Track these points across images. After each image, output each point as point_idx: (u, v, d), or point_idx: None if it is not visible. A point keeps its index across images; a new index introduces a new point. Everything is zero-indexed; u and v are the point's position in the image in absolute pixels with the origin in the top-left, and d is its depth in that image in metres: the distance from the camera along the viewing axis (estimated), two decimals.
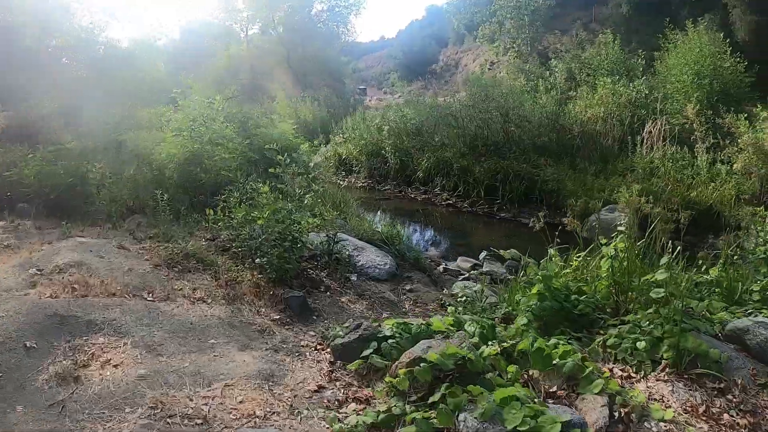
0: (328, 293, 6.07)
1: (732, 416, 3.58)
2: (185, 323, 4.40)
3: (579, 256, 7.13)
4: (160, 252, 5.69)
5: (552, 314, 5.45)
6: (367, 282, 6.80)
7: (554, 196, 13.04)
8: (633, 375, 4.11)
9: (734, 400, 3.76)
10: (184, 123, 7.72)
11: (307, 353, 4.44)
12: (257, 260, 5.52)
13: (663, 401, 3.67)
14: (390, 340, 4.30)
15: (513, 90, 15.32)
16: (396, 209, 13.30)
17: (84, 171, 7.83)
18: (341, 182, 15.45)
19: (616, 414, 3.46)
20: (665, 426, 3.35)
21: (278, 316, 5.06)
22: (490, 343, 4.67)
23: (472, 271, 9.45)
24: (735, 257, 7.64)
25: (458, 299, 6.94)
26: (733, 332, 4.54)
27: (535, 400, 3.48)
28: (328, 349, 4.53)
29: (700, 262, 6.74)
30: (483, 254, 10.01)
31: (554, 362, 3.95)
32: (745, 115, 11.79)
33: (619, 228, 6.65)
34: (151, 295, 4.87)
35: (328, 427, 3.33)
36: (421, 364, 3.70)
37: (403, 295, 6.78)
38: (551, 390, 3.79)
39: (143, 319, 4.35)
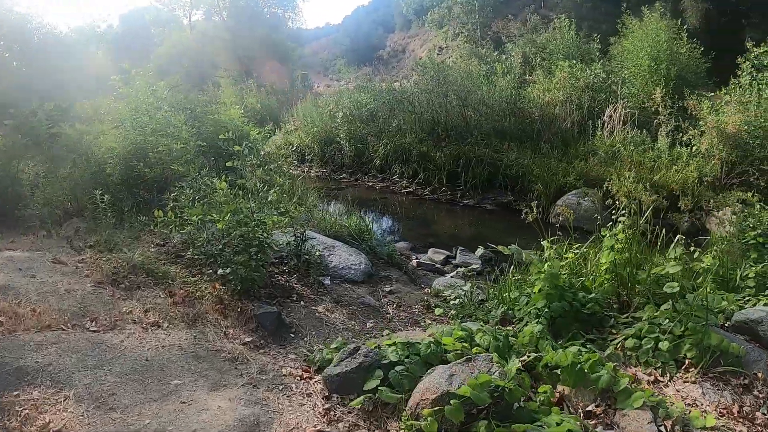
0: (302, 302, 5.22)
1: (765, 414, 3.46)
2: (140, 360, 3.46)
3: (570, 248, 6.57)
4: (102, 265, 4.66)
5: (562, 315, 4.89)
6: (342, 285, 5.97)
7: (519, 182, 12.50)
8: (660, 378, 3.88)
9: (760, 396, 3.64)
10: (125, 113, 6.63)
11: (293, 385, 3.60)
12: (220, 271, 4.60)
13: (697, 405, 3.49)
14: (398, 367, 3.52)
15: (470, 74, 14.67)
16: (354, 199, 12.45)
17: (15, 171, 6.68)
18: (294, 172, 14.49)
19: (662, 429, 3.16)
20: None
21: (250, 338, 4.17)
22: (510, 357, 4.06)
23: (446, 265, 8.77)
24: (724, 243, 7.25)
25: (448, 300, 6.24)
26: (744, 323, 4.37)
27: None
28: (318, 377, 3.71)
29: (692, 248, 6.36)
30: (458, 248, 9.34)
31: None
32: (708, 98, 11.56)
33: (620, 219, 6.11)
34: (94, 323, 3.88)
35: None
36: (452, 401, 2.97)
37: (383, 298, 6.00)
38: (588, 409, 3.41)
39: (87, 360, 3.40)
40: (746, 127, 10.35)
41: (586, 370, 3.57)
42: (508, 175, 12.65)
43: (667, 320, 4.26)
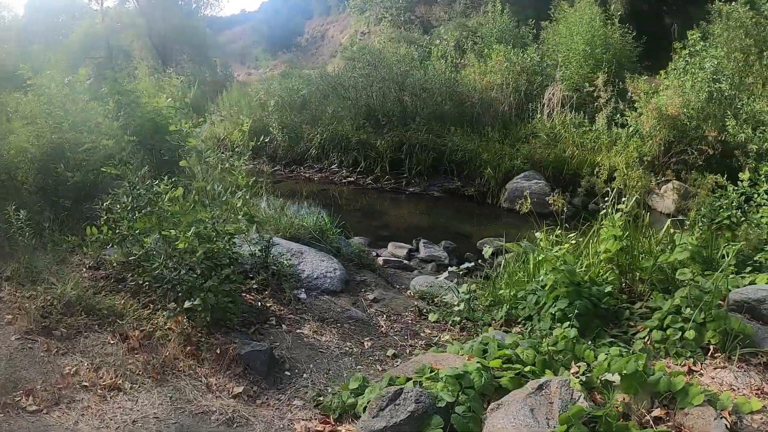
0: (284, 326, 4.24)
1: None
2: None
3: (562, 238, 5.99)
4: (27, 305, 3.43)
5: (584, 313, 4.41)
6: (321, 298, 5.02)
7: (466, 167, 11.88)
8: (694, 368, 3.74)
9: None
10: (36, 107, 5.27)
11: None
12: (187, 303, 3.53)
13: (733, 390, 3.42)
14: (458, 408, 2.78)
15: (405, 57, 13.86)
16: (293, 193, 11.38)
17: None
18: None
19: (724, 421, 2.97)
20: (760, 417, 3.03)
21: (240, 388, 3.18)
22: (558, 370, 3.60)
23: (410, 259, 7.97)
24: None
25: (439, 303, 5.46)
26: (744, 302, 4.28)
27: None
28: (345, 430, 2.81)
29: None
30: (420, 240, 8.56)
31: None
32: (644, 81, 11.46)
33: (620, 206, 5.55)
34: (31, 399, 2.74)
35: None
36: None
37: (369, 308, 5.12)
38: (654, 415, 3.11)
39: None
40: (684, 110, 10.26)
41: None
42: (453, 160, 12.00)
43: (688, 308, 4.07)
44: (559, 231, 5.83)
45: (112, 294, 3.95)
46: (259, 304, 4.39)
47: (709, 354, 3.86)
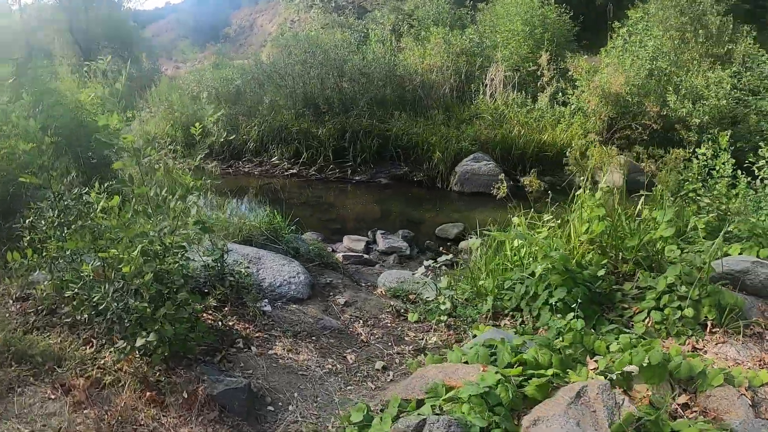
0: (253, 348, 3.64)
1: None
2: None
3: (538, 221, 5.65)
4: None
5: (583, 301, 4.14)
6: (288, 308, 4.43)
7: (413, 152, 11.43)
8: (697, 346, 3.70)
9: None
10: None
11: None
12: (139, 341, 2.85)
13: (738, 363, 3.42)
14: None
15: (343, 42, 13.21)
16: (233, 189, 10.57)
17: None
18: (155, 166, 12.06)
19: (746, 399, 2.96)
20: None
21: None
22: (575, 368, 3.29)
23: (369, 253, 7.46)
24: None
25: (416, 300, 4.99)
26: (728, 274, 4.27)
27: None
28: None
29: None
30: (376, 231, 8.04)
31: None
32: (584, 60, 11.41)
33: (602, 186, 5.25)
34: None
35: None
36: None
37: (342, 314, 4.58)
38: (680, 401, 3.02)
39: None
40: (627, 87, 10.24)
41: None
42: (399, 145, 11.52)
43: (683, 286, 4.00)
44: (534, 214, 5.49)
45: (46, 331, 3.22)
46: (221, 324, 3.76)
47: (708, 330, 3.82)
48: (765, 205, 5.89)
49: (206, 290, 4.10)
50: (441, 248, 7.89)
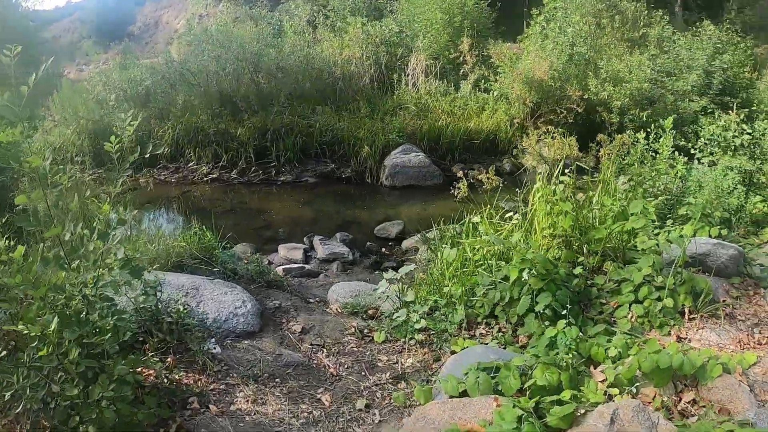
0: (211, 406, 2.99)
1: (760, 333, 3.57)
2: None
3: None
4: None
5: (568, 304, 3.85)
6: (239, 345, 3.79)
7: (339, 147, 10.83)
8: (683, 336, 3.65)
9: (747, 320, 3.74)
10: None
11: None
12: None
13: (721, 348, 3.44)
14: None
15: (258, 36, 12.31)
16: (151, 201, 9.53)
17: None
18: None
19: (744, 385, 2.98)
20: (761, 370, 3.10)
21: None
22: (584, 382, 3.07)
23: (309, 262, 6.84)
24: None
25: (375, 315, 4.48)
26: (691, 257, 4.23)
27: None
28: None
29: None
30: (312, 237, 7.40)
31: None
32: (505, 47, 11.29)
33: (564, 178, 4.94)
34: None
35: None
36: None
37: (301, 344, 3.99)
38: (688, 400, 2.97)
39: None
40: (550, 73, 10.19)
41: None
42: (324, 141, 10.88)
43: (660, 276, 3.91)
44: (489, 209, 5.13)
45: None
46: (167, 380, 3.06)
47: (686, 317, 3.78)
48: (706, 184, 5.84)
49: (142, 336, 3.37)
50: (383, 249, 7.42)
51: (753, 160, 6.20)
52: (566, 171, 4.82)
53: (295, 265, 6.40)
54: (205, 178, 10.62)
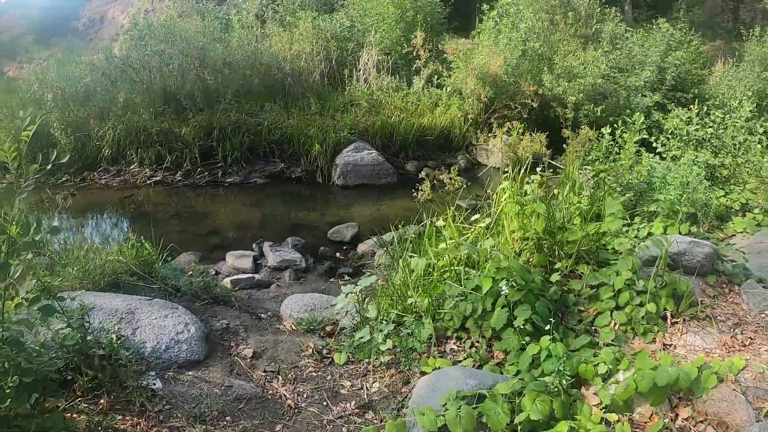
0: None
1: (742, 333, 3.42)
2: None
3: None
4: None
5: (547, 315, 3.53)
6: (183, 378, 3.26)
7: (289, 145, 10.24)
8: (668, 343, 3.44)
9: (728, 321, 3.58)
10: None
11: None
12: None
13: (707, 352, 3.26)
14: None
15: (204, 30, 11.54)
16: (88, 208, 8.69)
17: None
18: None
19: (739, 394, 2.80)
20: (750, 375, 2.94)
21: None
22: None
23: (258, 271, 6.28)
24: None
25: (342, 335, 4.01)
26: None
27: None
28: None
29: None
30: (261, 243, 6.82)
31: None
32: (462, 42, 10.99)
33: (535, 177, 4.61)
34: None
35: None
36: None
37: (254, 371, 3.49)
38: (686, 416, 2.79)
39: None
40: (505, 68, 9.93)
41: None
42: (272, 140, 10.24)
43: (641, 280, 3.64)
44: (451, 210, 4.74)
45: None
46: (101, 429, 2.51)
47: (669, 322, 3.56)
48: (672, 180, 5.65)
49: (69, 375, 2.79)
50: (338, 254, 6.90)
51: (715, 154, 6.07)
52: (537, 169, 4.47)
53: (244, 276, 5.84)
54: (149, 182, 9.81)
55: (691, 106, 6.69)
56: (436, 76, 11.18)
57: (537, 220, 3.98)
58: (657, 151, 6.45)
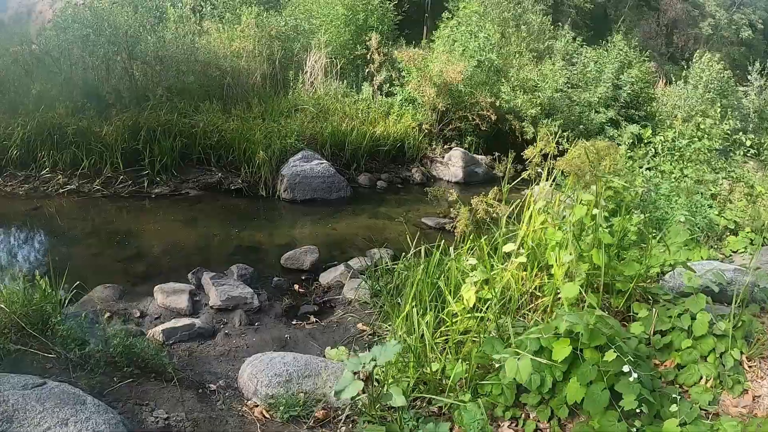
0: None
1: None
2: None
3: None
4: None
5: None
6: None
7: (228, 152, 8.59)
8: (756, 394, 2.73)
9: None
10: None
11: None
12: None
13: None
14: None
15: (135, 20, 9.63)
16: None
17: None
18: None
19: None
20: None
21: None
22: None
23: (198, 312, 4.65)
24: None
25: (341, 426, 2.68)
26: (706, 287, 3.28)
27: None
28: None
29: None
30: (200, 272, 5.19)
31: None
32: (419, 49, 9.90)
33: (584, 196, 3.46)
34: None
35: None
36: None
37: None
38: None
39: None
40: (462, 77, 8.93)
41: None
42: (209, 145, 8.57)
43: (722, 323, 2.93)
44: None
45: None
46: None
47: (745, 366, 2.93)
48: (675, 198, 4.76)
49: None
50: (296, 285, 5.35)
51: (712, 169, 5.30)
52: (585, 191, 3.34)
53: (180, 322, 4.24)
54: (62, 190, 7.79)
55: (674, 122, 5.91)
56: (387, 84, 9.98)
57: (598, 252, 2.82)
58: (648, 167, 5.60)
